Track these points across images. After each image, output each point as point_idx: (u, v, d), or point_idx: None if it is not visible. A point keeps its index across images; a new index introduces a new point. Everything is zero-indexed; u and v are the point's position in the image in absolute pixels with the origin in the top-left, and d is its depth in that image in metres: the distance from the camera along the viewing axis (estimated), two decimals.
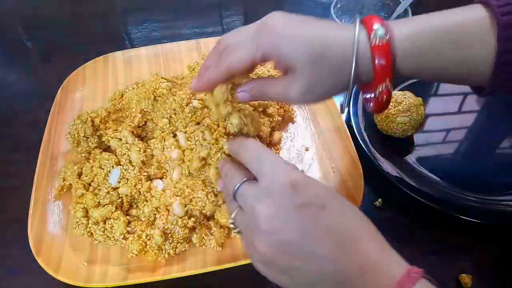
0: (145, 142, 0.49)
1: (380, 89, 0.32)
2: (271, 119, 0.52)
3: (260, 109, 0.53)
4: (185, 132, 0.47)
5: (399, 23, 0.32)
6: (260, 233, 0.29)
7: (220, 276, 0.42)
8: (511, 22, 0.28)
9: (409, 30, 0.31)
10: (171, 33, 0.74)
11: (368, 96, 0.35)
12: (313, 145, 0.52)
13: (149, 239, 0.42)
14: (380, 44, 0.30)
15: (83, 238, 0.44)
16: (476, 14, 0.30)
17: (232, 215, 0.34)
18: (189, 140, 0.46)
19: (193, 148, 0.45)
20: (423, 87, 0.61)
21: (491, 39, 0.29)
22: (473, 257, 0.45)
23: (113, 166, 0.46)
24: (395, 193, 0.48)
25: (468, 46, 0.30)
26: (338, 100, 0.57)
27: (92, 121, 0.50)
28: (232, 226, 0.34)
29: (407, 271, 0.26)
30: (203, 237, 0.43)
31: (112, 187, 0.45)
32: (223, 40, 0.36)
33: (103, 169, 0.46)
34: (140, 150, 0.47)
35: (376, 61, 0.31)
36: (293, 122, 0.56)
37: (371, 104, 0.34)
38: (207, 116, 0.47)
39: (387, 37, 0.30)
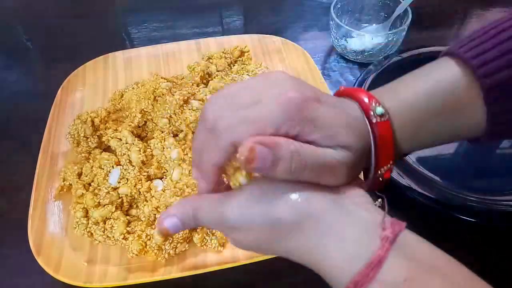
0: (145, 142, 0.49)
1: (382, 171, 0.28)
2: None
3: None
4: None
5: (386, 96, 0.29)
6: None
7: (220, 276, 0.42)
8: (494, 85, 0.26)
9: (399, 103, 0.28)
10: (171, 33, 0.74)
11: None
12: None
13: (149, 239, 0.42)
14: (381, 121, 0.27)
15: (83, 238, 0.44)
16: (454, 74, 0.28)
17: None
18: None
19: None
20: None
21: (479, 102, 0.27)
22: (473, 257, 0.45)
23: (113, 166, 0.46)
24: (395, 193, 0.48)
25: (458, 111, 0.28)
26: None
27: (92, 121, 0.50)
28: None
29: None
30: (204, 237, 0.43)
31: (112, 187, 0.45)
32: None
33: (103, 169, 0.46)
34: (140, 150, 0.47)
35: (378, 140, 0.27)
36: None
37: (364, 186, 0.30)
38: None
39: (386, 117, 0.28)
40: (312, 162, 0.25)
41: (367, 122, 0.27)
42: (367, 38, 0.63)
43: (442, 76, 0.28)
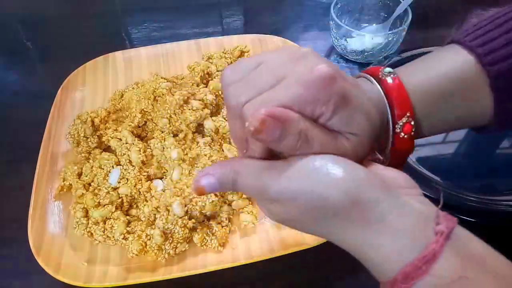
0: (145, 142, 0.49)
1: (402, 122, 0.28)
2: None
3: None
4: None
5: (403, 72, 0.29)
6: None
7: (220, 276, 0.42)
8: (500, 73, 0.27)
9: (412, 85, 0.29)
10: (171, 33, 0.74)
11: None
12: None
13: (149, 239, 0.42)
14: (393, 77, 0.28)
15: (83, 238, 0.44)
16: (465, 60, 0.28)
17: None
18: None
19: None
20: None
21: (486, 89, 0.28)
22: None
23: (113, 166, 0.46)
24: None
25: (467, 97, 0.29)
26: None
27: (92, 121, 0.50)
28: None
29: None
30: (204, 237, 0.43)
31: (112, 187, 0.45)
32: None
33: (103, 169, 0.46)
34: (140, 150, 0.47)
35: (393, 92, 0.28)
36: None
37: (388, 150, 0.29)
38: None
39: (395, 74, 0.29)
40: (319, 145, 0.24)
41: (376, 84, 0.28)
42: (367, 38, 0.63)
43: (453, 63, 0.29)
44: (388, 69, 0.29)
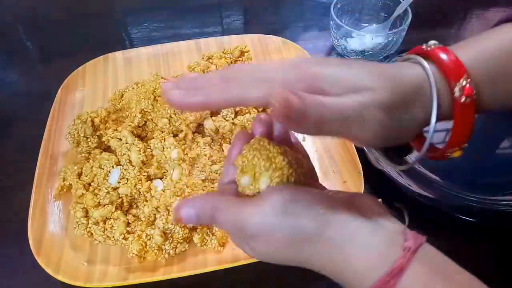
0: (145, 142, 0.49)
1: (460, 86, 0.26)
2: None
3: (260, 109, 0.53)
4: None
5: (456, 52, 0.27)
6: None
7: (220, 276, 0.42)
8: None
9: (471, 58, 0.27)
10: (171, 33, 0.74)
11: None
12: (313, 145, 0.52)
13: (149, 239, 0.42)
14: (438, 46, 0.27)
15: (83, 238, 0.44)
16: None
17: None
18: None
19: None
20: None
21: None
22: (472, 257, 0.45)
23: (113, 166, 0.46)
24: (395, 193, 0.48)
25: None
26: None
27: (92, 121, 0.50)
28: None
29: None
30: (204, 237, 0.43)
31: (112, 187, 0.45)
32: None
33: (103, 169, 0.46)
34: (140, 150, 0.47)
35: (445, 57, 0.26)
36: None
37: (451, 128, 0.27)
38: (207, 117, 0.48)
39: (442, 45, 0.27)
40: (333, 111, 0.23)
41: (416, 57, 0.27)
42: (367, 38, 0.63)
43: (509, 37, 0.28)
44: (433, 41, 0.27)
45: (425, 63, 0.26)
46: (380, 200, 0.28)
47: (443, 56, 0.26)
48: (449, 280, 0.23)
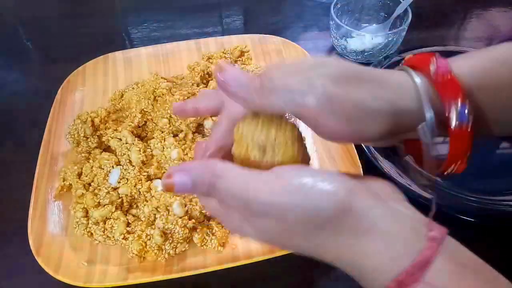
0: (145, 142, 0.49)
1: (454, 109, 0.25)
2: None
3: None
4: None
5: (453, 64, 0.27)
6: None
7: (220, 276, 0.42)
8: None
9: (470, 69, 0.27)
10: (171, 33, 0.74)
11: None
12: (313, 145, 0.52)
13: (149, 239, 0.42)
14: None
15: (83, 238, 0.44)
16: None
17: None
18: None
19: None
20: None
21: None
22: None
23: (113, 166, 0.46)
24: None
25: None
26: None
27: (92, 121, 0.50)
28: None
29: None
30: (204, 237, 0.43)
31: (112, 187, 0.45)
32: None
33: (103, 169, 0.46)
34: (140, 150, 0.47)
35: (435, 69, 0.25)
36: None
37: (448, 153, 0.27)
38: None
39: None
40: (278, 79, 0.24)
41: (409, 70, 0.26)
42: (367, 38, 0.63)
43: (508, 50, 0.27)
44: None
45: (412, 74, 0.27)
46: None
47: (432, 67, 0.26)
48: (479, 275, 0.22)
